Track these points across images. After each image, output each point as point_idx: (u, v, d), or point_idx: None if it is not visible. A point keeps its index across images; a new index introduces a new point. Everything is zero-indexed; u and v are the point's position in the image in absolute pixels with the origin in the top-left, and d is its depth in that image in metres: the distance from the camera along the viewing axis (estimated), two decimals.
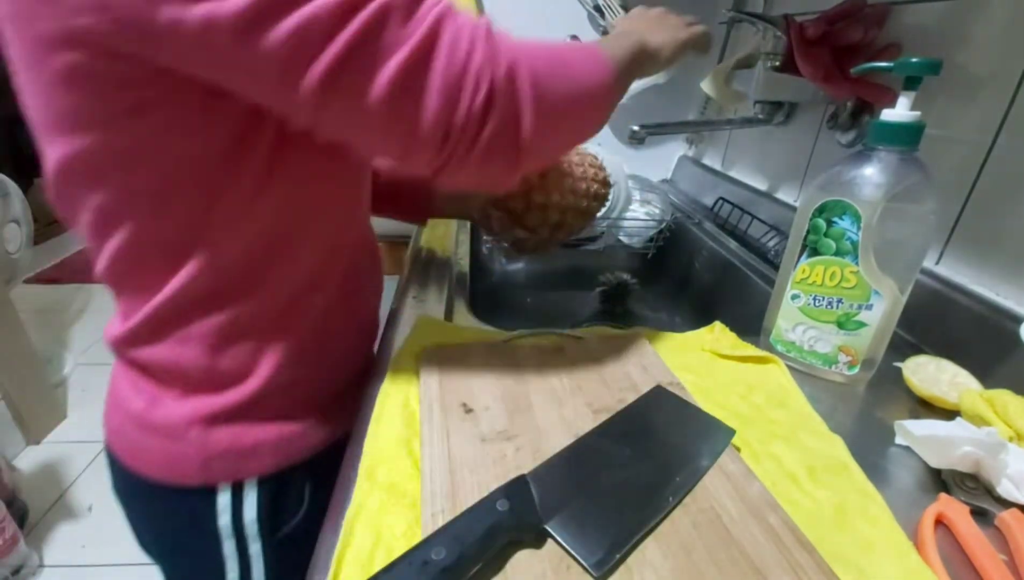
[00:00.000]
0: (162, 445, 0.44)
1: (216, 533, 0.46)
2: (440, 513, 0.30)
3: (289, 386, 0.46)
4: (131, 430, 0.46)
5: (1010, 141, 0.50)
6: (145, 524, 0.52)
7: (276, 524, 0.48)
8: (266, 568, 0.49)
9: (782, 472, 0.37)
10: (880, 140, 0.43)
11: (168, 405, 0.44)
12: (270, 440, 0.46)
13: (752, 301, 0.71)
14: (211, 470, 0.45)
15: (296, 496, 0.49)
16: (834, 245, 0.45)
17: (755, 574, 0.28)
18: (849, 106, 0.69)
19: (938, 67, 0.41)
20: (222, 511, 0.46)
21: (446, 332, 0.53)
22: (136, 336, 0.43)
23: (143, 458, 0.46)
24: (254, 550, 0.48)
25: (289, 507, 0.49)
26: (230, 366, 0.43)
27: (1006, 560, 0.31)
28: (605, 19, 1.03)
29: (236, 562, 0.48)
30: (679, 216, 0.98)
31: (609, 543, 0.29)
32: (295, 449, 0.47)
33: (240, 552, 0.48)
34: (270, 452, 0.46)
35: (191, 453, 0.44)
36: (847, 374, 0.49)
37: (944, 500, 0.35)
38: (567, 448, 0.36)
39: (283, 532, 0.49)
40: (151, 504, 0.49)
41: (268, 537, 0.48)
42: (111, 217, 0.38)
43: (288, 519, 0.49)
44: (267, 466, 0.46)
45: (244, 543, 0.47)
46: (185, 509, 0.46)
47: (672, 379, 0.44)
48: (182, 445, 0.44)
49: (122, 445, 0.47)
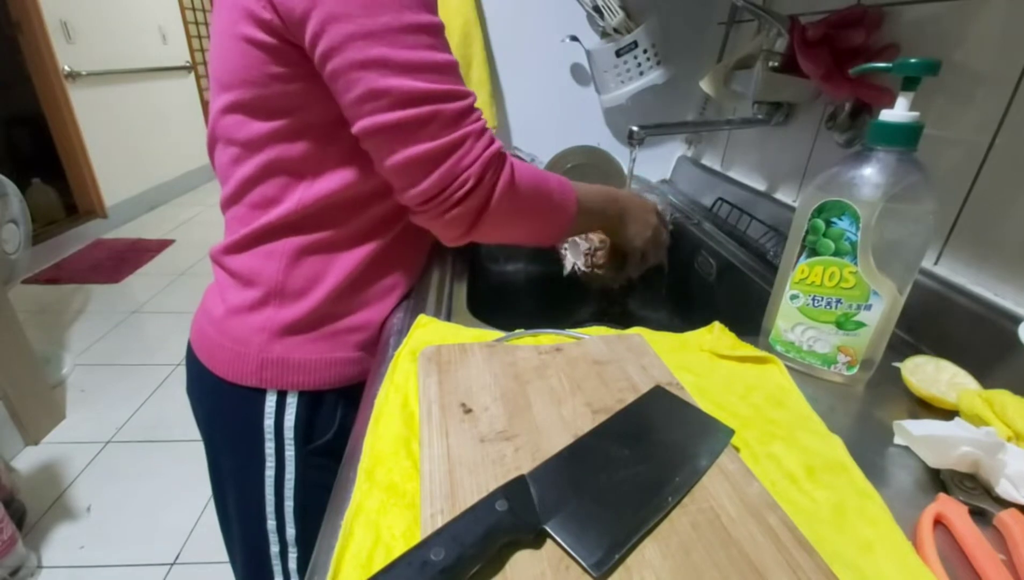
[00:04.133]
0: (231, 346, 0.55)
1: (261, 431, 0.56)
2: (439, 513, 0.30)
3: (338, 314, 0.57)
4: (210, 332, 0.57)
5: (1009, 141, 0.50)
6: (210, 418, 0.62)
7: (309, 436, 0.58)
8: (296, 473, 0.59)
9: (781, 472, 0.37)
10: (879, 140, 0.43)
11: (242, 314, 0.55)
12: (315, 360, 0.56)
13: (751, 301, 0.71)
14: (264, 375, 0.55)
15: (328, 415, 0.59)
16: (833, 245, 0.45)
17: (754, 574, 0.28)
18: (848, 106, 0.69)
19: (937, 67, 0.41)
20: (268, 413, 0.56)
21: (445, 332, 0.52)
22: (234, 246, 0.55)
23: (215, 356, 0.57)
24: (289, 454, 0.58)
25: (321, 424, 0.58)
26: (297, 283, 0.54)
27: (1005, 560, 0.31)
28: (604, 19, 1.03)
29: (274, 461, 0.58)
30: (678, 216, 0.98)
31: (608, 543, 0.29)
32: (333, 374, 0.57)
33: (278, 453, 0.58)
34: (313, 371, 0.56)
35: (252, 355, 0.55)
36: (846, 374, 0.49)
37: (943, 500, 0.35)
38: (566, 448, 0.36)
39: (314, 444, 0.58)
40: (218, 399, 0.59)
41: (301, 446, 0.58)
42: (250, 149, 0.52)
43: (319, 435, 0.59)
44: (307, 382, 0.56)
45: (282, 446, 0.57)
46: (243, 406, 0.57)
47: (671, 379, 0.44)
48: (246, 348, 0.55)
49: (200, 345, 0.58)
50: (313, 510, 0.60)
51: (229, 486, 0.63)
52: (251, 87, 0.49)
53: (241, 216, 0.55)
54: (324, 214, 0.54)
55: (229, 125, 0.52)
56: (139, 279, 2.76)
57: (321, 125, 0.50)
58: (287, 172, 0.52)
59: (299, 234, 0.54)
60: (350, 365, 0.58)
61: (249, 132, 0.51)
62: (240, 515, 0.63)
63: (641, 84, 1.03)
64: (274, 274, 0.54)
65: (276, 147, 0.51)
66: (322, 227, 0.54)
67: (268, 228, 0.53)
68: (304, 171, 0.52)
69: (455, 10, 1.03)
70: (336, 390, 0.58)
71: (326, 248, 0.55)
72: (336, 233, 0.55)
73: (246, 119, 0.51)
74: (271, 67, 0.47)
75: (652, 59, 1.01)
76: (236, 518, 0.64)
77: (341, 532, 0.31)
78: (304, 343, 0.56)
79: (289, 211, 0.52)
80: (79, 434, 1.69)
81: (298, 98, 0.49)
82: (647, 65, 1.02)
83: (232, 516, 0.64)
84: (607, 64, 1.04)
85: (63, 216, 3.16)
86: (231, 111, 0.51)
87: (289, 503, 0.59)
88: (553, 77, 1.14)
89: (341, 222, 0.55)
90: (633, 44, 1.00)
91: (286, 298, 0.54)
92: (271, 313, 0.55)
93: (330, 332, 0.56)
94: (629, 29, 1.01)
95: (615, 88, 1.06)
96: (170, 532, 1.35)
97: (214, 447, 0.64)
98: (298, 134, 0.50)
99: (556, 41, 1.08)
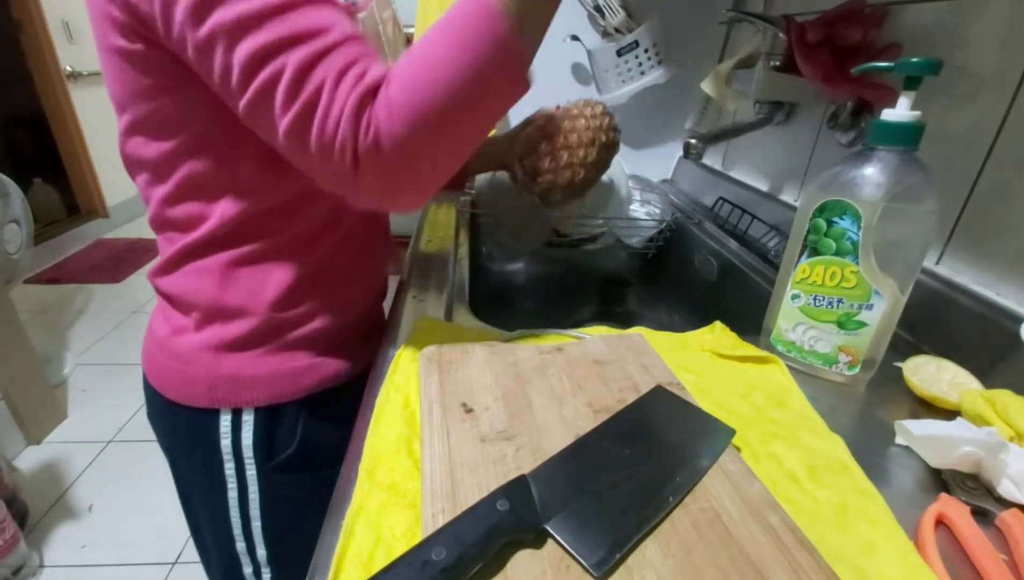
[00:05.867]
0: (178, 368, 0.53)
1: (219, 453, 0.54)
2: (440, 513, 0.30)
3: (287, 325, 0.53)
4: (157, 355, 0.54)
5: (1010, 140, 0.50)
6: (168, 442, 0.59)
7: (270, 453, 0.55)
8: (260, 492, 0.56)
9: (782, 472, 0.37)
10: (880, 140, 0.43)
11: (186, 334, 0.52)
12: (266, 374, 0.53)
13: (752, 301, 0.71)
14: (216, 394, 0.52)
15: (289, 429, 0.55)
16: (834, 245, 0.45)
17: (755, 574, 0.27)
18: (849, 106, 0.69)
19: (938, 67, 0.41)
20: (224, 434, 0.53)
21: (446, 332, 0.52)
22: (165, 268, 0.52)
23: (163, 379, 0.54)
24: (250, 474, 0.55)
25: (282, 438, 0.55)
26: (235, 299, 0.51)
27: (1007, 560, 0.31)
28: (605, 19, 1.03)
29: (236, 482, 0.55)
30: (679, 216, 0.98)
31: (609, 543, 0.29)
32: (288, 386, 0.54)
33: (239, 473, 0.55)
34: (266, 384, 0.53)
35: (200, 376, 0.52)
36: (847, 374, 0.48)
37: (944, 500, 0.35)
38: (567, 448, 0.36)
39: (276, 461, 0.55)
40: (172, 422, 0.56)
41: (263, 464, 0.55)
42: (160, 170, 0.47)
43: (281, 450, 0.55)
44: (262, 397, 0.53)
45: (242, 466, 0.55)
46: (196, 428, 0.54)
47: (672, 379, 0.44)
48: (193, 368, 0.52)
49: (149, 368, 0.56)
50: (282, 528, 0.58)
51: (197, 509, 0.61)
52: (141, 103, 0.45)
53: (168, 237, 0.51)
54: (251, 225, 0.49)
55: (134, 148, 0.48)
56: (140, 279, 2.76)
57: (224, 132, 0.45)
58: (204, 188, 0.48)
59: (228, 249, 0.50)
60: (307, 373, 0.55)
61: (154, 153, 0.47)
62: (212, 537, 0.60)
63: (642, 84, 1.03)
64: (209, 292, 0.50)
65: (185, 165, 0.47)
66: (252, 239, 0.50)
67: (195, 246, 0.50)
68: (220, 184, 0.48)
69: None
70: (295, 402, 0.55)
71: (260, 259, 0.51)
72: (268, 243, 0.50)
73: (147, 140, 0.46)
74: (150, 78, 0.43)
75: (653, 59, 1.01)
76: (209, 540, 0.61)
77: (342, 532, 0.31)
78: (254, 358, 0.52)
79: (214, 227, 0.48)
80: (80, 434, 1.69)
81: (190, 108, 0.44)
82: (648, 65, 1.02)
83: (205, 538, 0.62)
84: (608, 64, 1.04)
85: (64, 216, 3.16)
86: (132, 133, 0.47)
87: (256, 523, 0.57)
88: (554, 77, 1.14)
89: (272, 231, 0.50)
90: (634, 44, 1.00)
91: (227, 315, 0.51)
92: (215, 331, 0.51)
93: (282, 344, 0.53)
94: (630, 29, 1.01)
95: (616, 88, 1.06)
96: (171, 531, 1.35)
97: (177, 470, 0.61)
98: (202, 147, 0.46)
99: (557, 41, 1.08)
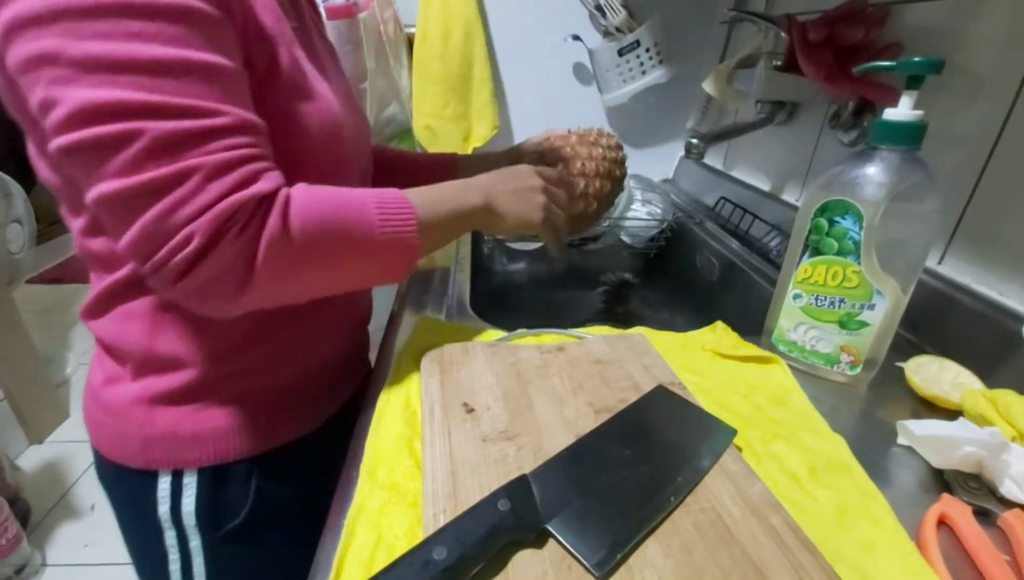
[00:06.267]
0: (111, 421, 0.46)
1: (157, 521, 0.46)
2: (441, 513, 0.30)
3: (230, 379, 0.46)
4: (91, 404, 0.48)
5: (1013, 140, 0.50)
6: (110, 502, 0.51)
7: (217, 520, 0.47)
8: (207, 567, 0.48)
9: (784, 472, 0.37)
10: (882, 139, 0.43)
11: (119, 384, 0.45)
12: (211, 430, 0.46)
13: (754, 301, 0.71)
14: (151, 454, 0.45)
15: (239, 491, 0.48)
16: (836, 245, 0.45)
17: (756, 574, 0.27)
18: (851, 105, 0.69)
19: (940, 66, 0.41)
20: (162, 499, 0.46)
21: (447, 332, 0.53)
22: (93, 308, 0.45)
23: (96, 431, 0.48)
24: (194, 545, 0.47)
25: (232, 503, 0.48)
26: (167, 349, 0.44)
27: (1009, 560, 0.31)
28: (606, 18, 1.03)
29: (177, 554, 0.47)
30: (680, 216, 0.98)
31: (610, 543, 0.29)
32: (237, 443, 0.47)
33: (181, 545, 0.47)
34: (210, 442, 0.46)
35: (133, 433, 0.45)
36: (849, 374, 0.48)
37: (946, 500, 0.35)
38: (568, 448, 0.36)
39: (225, 529, 0.48)
40: (109, 482, 0.50)
41: (209, 533, 0.47)
42: (73, 199, 0.41)
43: (230, 517, 0.48)
44: (207, 456, 0.46)
45: (184, 535, 0.47)
46: (130, 490, 0.47)
47: (673, 379, 0.44)
48: (125, 424, 0.45)
49: (86, 419, 0.49)
50: None
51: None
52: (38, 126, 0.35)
53: (95, 273, 0.45)
54: None
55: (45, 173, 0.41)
56: None
57: None
58: None
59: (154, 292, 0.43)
60: (261, 429, 0.47)
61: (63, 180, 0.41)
62: None
63: (643, 83, 1.03)
64: (138, 339, 0.43)
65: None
66: None
67: (120, 285, 0.43)
68: None
69: (457, 10, 1.03)
70: (246, 459, 0.47)
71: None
72: None
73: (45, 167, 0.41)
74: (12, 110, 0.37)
75: (654, 58, 1.01)
76: None
77: (343, 532, 0.31)
78: (192, 413, 0.45)
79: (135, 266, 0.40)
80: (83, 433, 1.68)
81: None
82: (649, 64, 1.02)
83: None
84: (609, 63, 1.04)
85: None
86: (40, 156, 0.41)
87: None
88: (555, 76, 1.14)
89: None
90: (635, 43, 1.00)
91: (160, 366, 0.44)
92: (149, 382, 0.44)
93: (227, 397, 0.46)
94: (631, 28, 1.01)
95: (617, 87, 1.06)
96: None
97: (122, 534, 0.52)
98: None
99: (558, 40, 1.08)
